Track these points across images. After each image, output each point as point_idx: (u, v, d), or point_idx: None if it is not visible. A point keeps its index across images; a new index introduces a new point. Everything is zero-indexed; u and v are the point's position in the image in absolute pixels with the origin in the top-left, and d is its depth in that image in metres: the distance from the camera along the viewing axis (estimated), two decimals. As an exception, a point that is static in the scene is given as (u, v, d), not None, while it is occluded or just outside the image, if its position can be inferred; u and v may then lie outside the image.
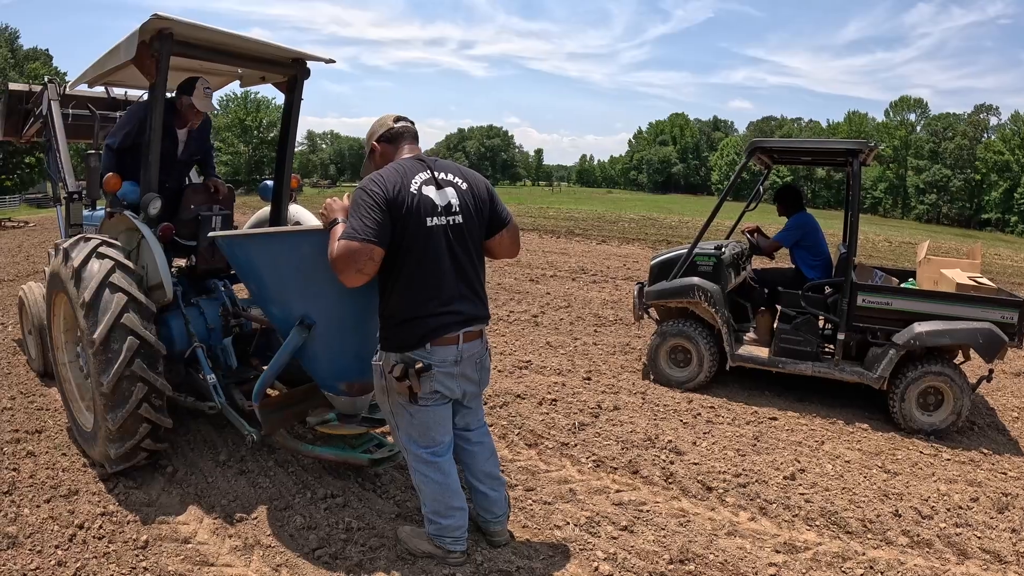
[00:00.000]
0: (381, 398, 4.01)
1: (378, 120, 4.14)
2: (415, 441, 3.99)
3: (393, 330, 3.83)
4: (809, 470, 5.66)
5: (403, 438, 4.03)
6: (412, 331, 3.78)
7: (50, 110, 7.19)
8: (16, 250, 19.02)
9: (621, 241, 24.77)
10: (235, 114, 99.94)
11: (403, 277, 3.75)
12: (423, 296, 3.77)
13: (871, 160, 7.63)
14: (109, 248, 4.91)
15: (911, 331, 6.58)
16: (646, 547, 4.40)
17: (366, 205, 3.62)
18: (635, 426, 6.39)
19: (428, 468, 4.01)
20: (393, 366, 3.78)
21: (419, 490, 4.11)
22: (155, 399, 4.80)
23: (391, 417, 4.04)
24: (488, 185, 4.13)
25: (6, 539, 4.25)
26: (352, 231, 3.58)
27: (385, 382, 3.88)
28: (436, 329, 3.79)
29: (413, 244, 3.71)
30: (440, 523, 4.07)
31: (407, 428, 3.97)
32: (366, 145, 4.15)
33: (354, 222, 3.61)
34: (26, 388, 6.94)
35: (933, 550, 4.61)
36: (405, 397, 3.83)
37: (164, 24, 4.76)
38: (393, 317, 3.82)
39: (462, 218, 3.88)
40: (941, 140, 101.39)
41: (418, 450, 4.00)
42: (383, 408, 4.08)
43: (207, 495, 4.92)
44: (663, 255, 8.00)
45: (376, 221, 3.59)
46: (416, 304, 3.76)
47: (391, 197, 3.65)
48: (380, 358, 3.90)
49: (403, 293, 3.76)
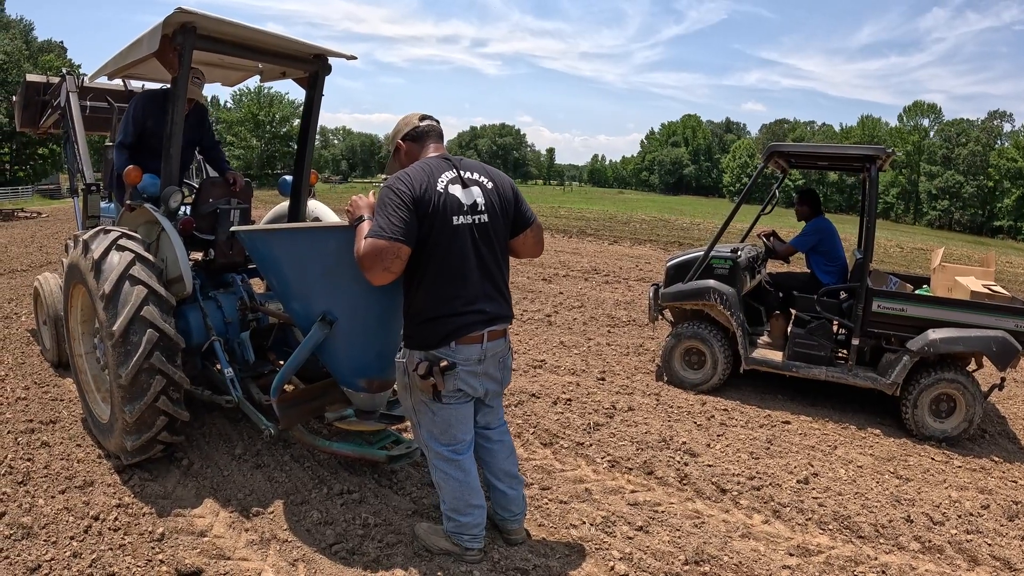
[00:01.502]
0: (403, 395, 4.02)
1: (403, 118, 4.13)
2: (436, 439, 4.00)
3: (417, 328, 3.83)
4: (822, 474, 5.65)
5: (424, 435, 4.04)
6: (437, 329, 3.78)
7: (68, 102, 7.21)
8: (29, 240, 19.11)
9: (633, 242, 24.76)
10: (248, 109, 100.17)
11: (428, 275, 3.75)
12: (448, 294, 3.77)
13: (887, 166, 7.61)
14: (129, 241, 4.92)
15: (925, 338, 6.56)
16: (661, 548, 4.40)
17: (393, 204, 3.62)
18: (649, 427, 6.39)
19: (449, 466, 4.02)
20: (418, 364, 3.78)
21: (438, 487, 4.12)
22: (173, 392, 4.81)
23: (413, 414, 4.05)
24: (513, 185, 4.14)
25: (21, 529, 4.26)
26: (379, 229, 3.59)
27: (408, 379, 3.90)
28: (460, 328, 3.79)
29: (439, 243, 3.71)
30: (459, 520, 4.08)
31: (429, 426, 3.98)
32: (391, 143, 4.12)
33: (381, 220, 3.61)
34: (40, 378, 6.97)
35: (944, 556, 4.60)
36: (428, 395, 3.84)
37: (187, 18, 4.77)
38: (418, 315, 3.82)
39: (487, 217, 3.88)
40: (954, 146, 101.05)
41: (439, 448, 4.01)
42: (405, 405, 4.08)
43: (223, 488, 4.93)
44: (679, 257, 7.99)
45: (403, 219, 3.60)
46: (441, 302, 3.76)
47: (418, 196, 3.66)
48: (404, 356, 3.91)
49: (428, 291, 3.76)
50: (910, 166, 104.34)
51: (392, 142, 4.12)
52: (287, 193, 6.40)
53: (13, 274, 13.17)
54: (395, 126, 4.14)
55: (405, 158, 4.04)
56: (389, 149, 4.14)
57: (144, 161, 5.59)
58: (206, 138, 6.47)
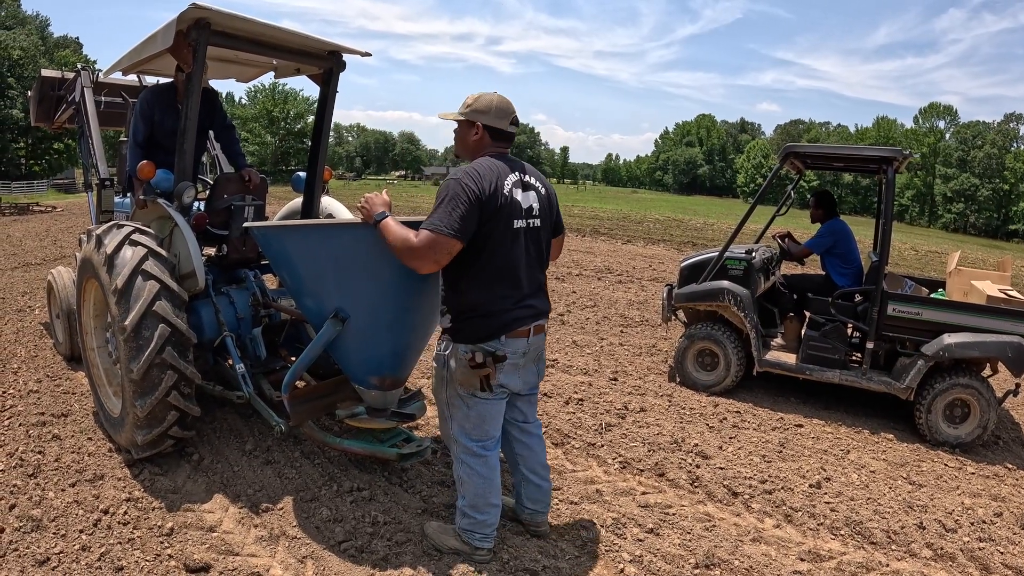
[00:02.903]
0: (439, 388, 4.06)
1: (497, 104, 3.93)
2: (467, 434, 4.03)
3: (467, 322, 3.86)
4: (835, 479, 5.62)
5: (455, 429, 4.06)
6: (490, 323, 3.84)
7: (83, 97, 7.23)
8: (44, 234, 19.23)
9: (646, 242, 24.71)
10: (263, 105, 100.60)
11: (486, 273, 3.80)
12: (503, 292, 3.85)
13: (904, 168, 7.56)
14: (142, 235, 4.92)
15: (940, 342, 6.51)
16: (672, 550, 4.38)
17: (459, 200, 3.61)
18: (661, 428, 6.36)
19: (476, 461, 4.04)
20: (470, 355, 3.82)
21: (461, 483, 4.11)
22: (184, 387, 4.82)
23: (446, 408, 4.06)
24: (555, 193, 4.23)
25: (30, 522, 4.27)
26: (439, 223, 3.58)
27: (448, 372, 3.93)
28: (512, 322, 3.88)
29: (500, 243, 3.77)
30: (475, 518, 4.08)
31: (461, 420, 4.01)
32: (467, 113, 3.92)
33: (443, 214, 3.60)
34: (52, 371, 6.99)
35: (956, 564, 4.57)
36: (475, 386, 3.88)
37: (202, 14, 4.77)
38: (471, 310, 3.85)
39: (539, 221, 3.98)
40: (970, 148, 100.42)
41: (469, 443, 4.03)
42: (438, 398, 4.11)
43: (233, 484, 4.93)
44: (693, 257, 7.96)
45: (464, 217, 3.60)
46: (497, 299, 3.84)
47: (485, 197, 3.67)
48: (446, 348, 3.94)
49: (484, 288, 3.82)
50: (925, 168, 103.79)
51: (470, 115, 3.92)
52: (301, 190, 6.39)
53: (27, 267, 13.25)
54: (484, 102, 3.91)
55: (473, 144, 3.95)
56: (460, 117, 3.94)
57: (154, 156, 5.60)
58: (217, 120, 6.47)
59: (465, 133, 3.95)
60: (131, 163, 5.82)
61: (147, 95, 6.00)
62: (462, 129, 3.96)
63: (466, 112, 3.90)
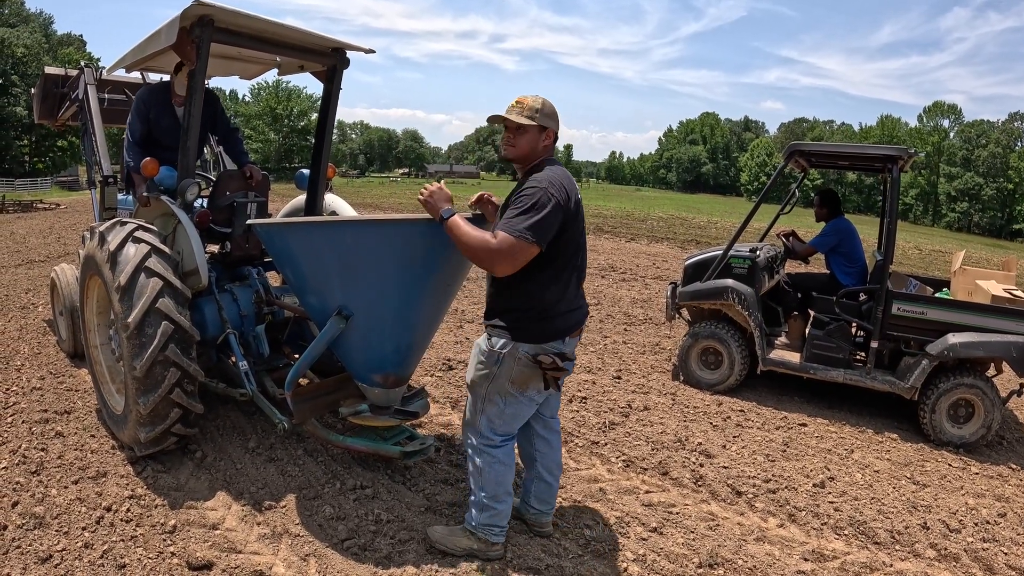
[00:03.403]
0: (480, 382, 4.01)
1: (555, 109, 3.99)
2: (493, 429, 4.06)
3: (533, 322, 3.89)
4: (838, 478, 5.61)
5: (482, 423, 4.07)
6: (557, 325, 3.92)
7: (86, 94, 7.23)
8: (48, 232, 19.23)
9: (650, 240, 24.67)
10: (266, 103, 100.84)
11: (552, 277, 3.87)
12: (569, 295, 3.97)
13: (908, 167, 7.54)
14: (145, 233, 4.92)
15: (945, 342, 6.50)
16: (675, 550, 4.37)
17: (544, 208, 3.64)
18: (665, 427, 6.35)
19: (498, 451, 4.07)
20: (541, 354, 3.86)
21: (479, 474, 4.09)
22: (187, 384, 4.81)
23: (480, 402, 4.05)
24: None
25: (33, 519, 4.28)
26: (522, 229, 3.60)
27: (498, 368, 3.92)
28: (575, 324, 4.04)
29: (566, 250, 3.86)
30: (495, 508, 4.09)
31: (493, 416, 4.03)
32: (540, 118, 3.88)
33: (526, 220, 3.62)
34: (56, 369, 6.99)
35: (960, 564, 4.56)
36: (534, 386, 3.95)
37: (205, 10, 4.76)
38: (542, 312, 3.88)
39: (584, 233, 4.08)
40: (974, 147, 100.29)
41: (492, 436, 4.06)
42: (475, 391, 4.06)
43: (236, 482, 4.93)
44: (697, 256, 7.94)
45: (547, 225, 3.65)
46: (563, 302, 3.93)
47: (566, 208, 3.74)
48: (503, 346, 3.90)
49: (550, 290, 3.88)
50: (929, 167, 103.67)
51: (542, 120, 3.89)
52: (304, 187, 6.38)
53: (31, 265, 13.25)
54: (547, 107, 3.93)
55: (543, 150, 3.95)
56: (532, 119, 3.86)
57: (152, 154, 5.60)
58: (220, 124, 6.47)
59: (535, 139, 3.90)
60: (131, 160, 5.82)
61: (143, 94, 6.02)
62: (531, 135, 3.89)
63: (538, 118, 3.86)
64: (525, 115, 3.85)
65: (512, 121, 3.85)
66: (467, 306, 11.08)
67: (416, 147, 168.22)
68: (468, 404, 4.17)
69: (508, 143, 3.94)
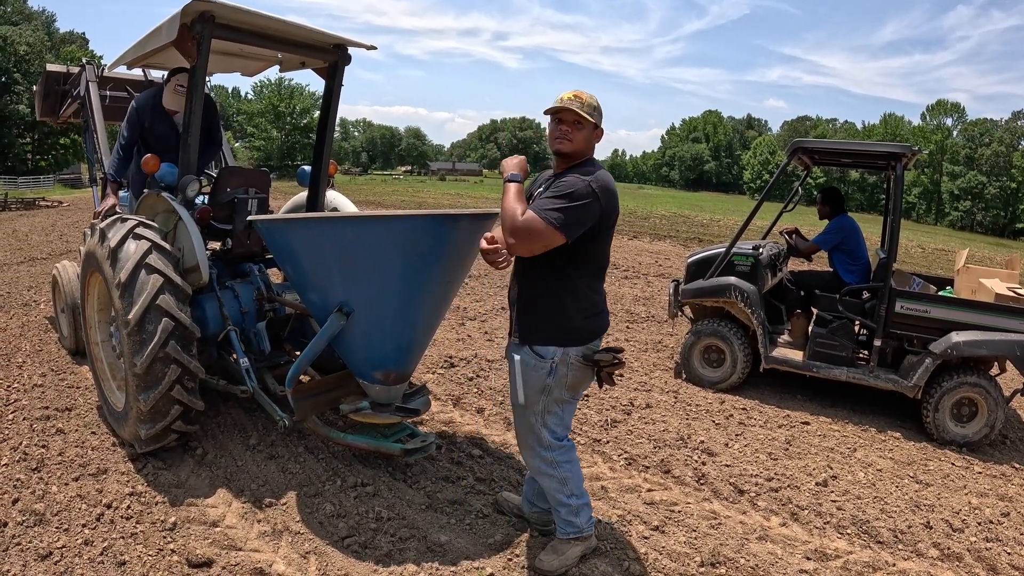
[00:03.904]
0: (535, 398, 3.86)
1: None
2: (557, 436, 3.97)
3: (579, 324, 3.80)
4: (841, 477, 5.59)
5: (546, 437, 3.94)
6: (601, 323, 3.92)
7: (88, 91, 7.22)
8: (50, 229, 19.25)
9: (653, 237, 24.68)
10: (269, 100, 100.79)
11: (591, 278, 3.84)
12: (600, 296, 3.93)
13: (912, 165, 7.52)
14: (146, 229, 4.90)
15: (948, 340, 6.47)
16: (677, 548, 4.35)
17: (584, 202, 3.53)
18: (667, 425, 6.33)
19: (569, 453, 4.04)
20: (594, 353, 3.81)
21: (564, 483, 4.00)
22: (188, 381, 4.80)
23: (537, 418, 3.91)
24: None
25: (33, 516, 4.27)
26: (550, 213, 3.48)
27: (553, 379, 3.81)
28: (607, 323, 3.99)
29: (602, 252, 3.85)
30: (585, 500, 4.11)
31: (554, 424, 3.94)
32: (597, 117, 3.79)
33: (559, 207, 3.50)
34: (57, 366, 6.99)
35: (963, 564, 4.54)
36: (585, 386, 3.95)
37: (206, 7, 4.75)
38: (587, 311, 3.83)
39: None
40: (977, 146, 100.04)
41: (560, 442, 3.99)
42: (531, 409, 3.90)
43: (236, 479, 4.92)
44: (700, 253, 7.92)
45: (580, 221, 3.53)
46: (598, 302, 3.90)
47: (606, 214, 3.64)
48: (555, 354, 3.78)
49: (598, 289, 3.89)
50: (932, 166, 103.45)
51: (597, 116, 3.78)
52: (306, 184, 6.37)
53: (33, 262, 13.26)
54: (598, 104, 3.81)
55: (590, 146, 3.85)
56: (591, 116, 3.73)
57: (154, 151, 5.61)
58: (212, 133, 6.46)
59: (590, 136, 3.79)
60: (111, 167, 5.82)
61: (136, 103, 6.04)
62: (588, 131, 3.76)
63: (595, 116, 3.74)
64: (585, 110, 3.70)
65: (576, 114, 3.69)
66: (469, 303, 11.07)
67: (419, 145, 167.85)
68: (521, 427, 4.03)
69: (564, 136, 3.74)
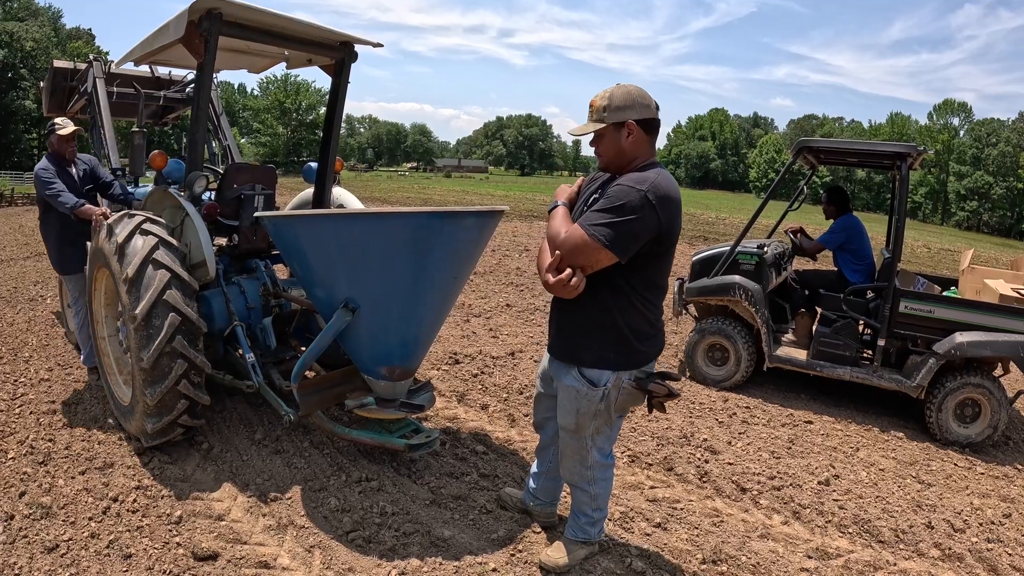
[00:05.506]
0: (587, 424, 3.69)
1: (635, 93, 3.40)
2: (604, 453, 3.88)
3: (635, 347, 3.55)
4: (843, 476, 5.59)
5: (595, 457, 3.84)
6: (654, 345, 3.66)
7: (95, 88, 7.24)
8: (57, 223, 19.20)
9: (656, 236, 24.57)
10: (275, 96, 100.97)
11: (649, 295, 3.52)
12: (657, 315, 3.65)
13: (918, 164, 7.51)
14: (153, 225, 4.93)
15: (952, 341, 6.47)
16: (679, 545, 4.37)
17: (637, 215, 3.19)
18: (670, 423, 6.34)
19: (608, 471, 3.96)
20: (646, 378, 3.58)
21: (593, 499, 3.96)
22: (194, 376, 4.83)
23: (588, 440, 3.76)
24: None
25: (40, 509, 4.30)
26: (602, 232, 3.19)
27: (605, 404, 3.61)
28: (662, 344, 3.78)
29: (662, 269, 3.53)
30: (605, 514, 4.10)
31: (603, 443, 3.83)
32: (609, 118, 3.38)
33: (609, 224, 3.20)
34: (64, 360, 7.03)
35: (964, 564, 4.54)
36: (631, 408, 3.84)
37: (213, 4, 4.77)
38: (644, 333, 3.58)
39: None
40: (984, 146, 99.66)
41: (606, 459, 3.90)
42: (581, 433, 3.74)
43: (242, 473, 4.94)
44: (705, 252, 7.93)
45: (634, 237, 3.22)
46: (654, 322, 3.62)
47: (665, 230, 3.29)
48: (606, 379, 3.57)
49: (645, 311, 3.54)
50: (939, 165, 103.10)
51: (612, 117, 3.37)
52: (312, 180, 6.39)
53: (39, 257, 13.27)
54: (616, 98, 3.37)
55: (630, 147, 3.40)
56: (602, 121, 3.39)
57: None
58: None
59: (615, 139, 3.39)
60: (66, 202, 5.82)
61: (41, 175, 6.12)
62: (609, 137, 3.40)
63: (607, 116, 3.36)
64: (594, 119, 3.40)
65: (580, 133, 3.43)
66: (474, 300, 11.09)
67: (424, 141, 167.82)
68: (568, 448, 3.86)
69: (597, 154, 3.50)
